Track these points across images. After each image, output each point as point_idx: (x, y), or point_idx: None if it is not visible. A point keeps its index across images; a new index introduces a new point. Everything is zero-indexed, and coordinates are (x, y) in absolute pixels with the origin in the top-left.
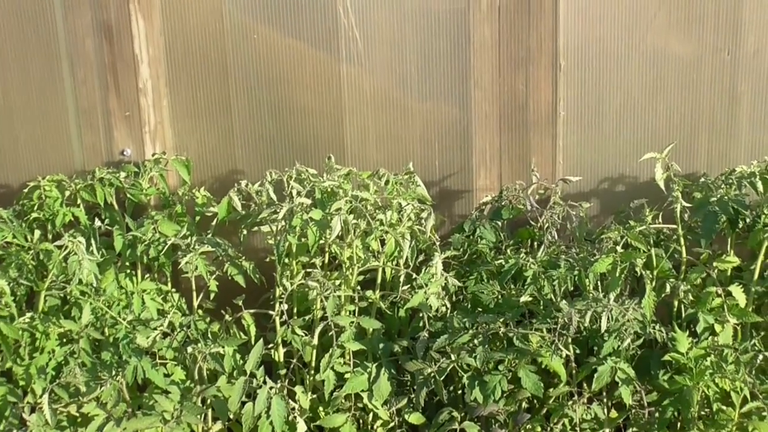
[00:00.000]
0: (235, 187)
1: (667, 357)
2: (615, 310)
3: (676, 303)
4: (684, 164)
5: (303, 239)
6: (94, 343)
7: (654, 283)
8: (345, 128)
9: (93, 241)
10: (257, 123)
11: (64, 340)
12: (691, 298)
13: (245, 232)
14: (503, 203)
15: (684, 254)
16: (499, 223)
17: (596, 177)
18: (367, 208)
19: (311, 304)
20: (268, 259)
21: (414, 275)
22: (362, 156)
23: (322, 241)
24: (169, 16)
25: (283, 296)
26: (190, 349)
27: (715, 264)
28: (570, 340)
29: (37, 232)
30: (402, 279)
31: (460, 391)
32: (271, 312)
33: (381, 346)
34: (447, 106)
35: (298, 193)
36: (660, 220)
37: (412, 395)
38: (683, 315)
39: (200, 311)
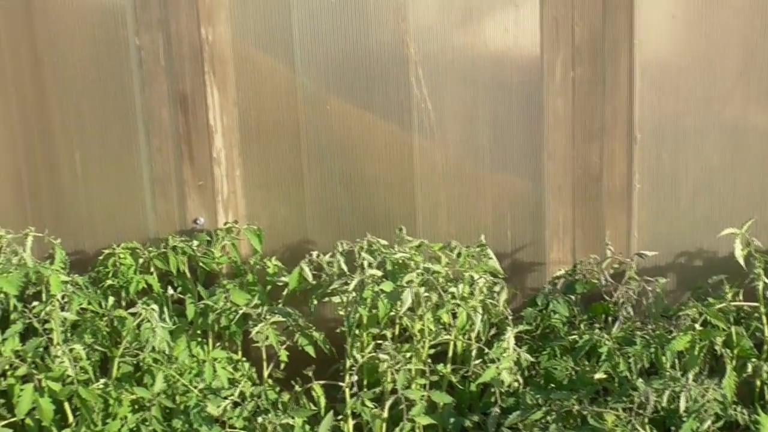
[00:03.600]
0: (307, 258)
1: None
2: (694, 390)
3: (758, 383)
4: (766, 239)
5: (373, 311)
6: (165, 410)
7: (734, 363)
8: (416, 200)
9: (165, 309)
10: (329, 193)
11: (136, 406)
12: None
13: (315, 302)
14: (577, 277)
15: (766, 333)
16: (573, 298)
17: (672, 251)
18: (438, 281)
19: (381, 376)
20: (338, 330)
21: (486, 349)
22: (433, 228)
23: (392, 313)
24: (243, 87)
25: (353, 368)
26: (260, 420)
27: None
28: (647, 419)
29: (111, 299)
30: (474, 353)
31: None
32: (340, 383)
33: (452, 420)
34: (519, 178)
35: (369, 265)
36: (740, 297)
37: None
38: (767, 396)
39: (270, 381)
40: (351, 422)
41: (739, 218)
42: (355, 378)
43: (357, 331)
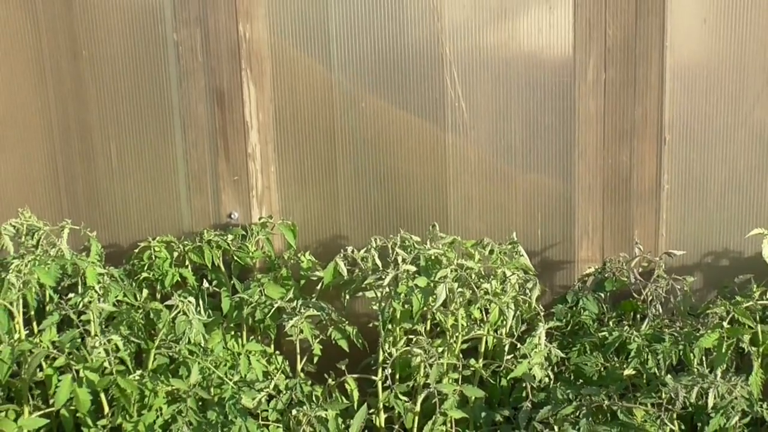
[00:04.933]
0: (341, 253)
1: None
2: (722, 387)
3: None
4: None
5: (407, 306)
6: (200, 402)
7: (761, 360)
8: (449, 197)
9: (200, 302)
10: (362, 190)
11: (171, 398)
12: None
13: (348, 296)
14: (606, 275)
15: None
16: (602, 295)
17: (700, 251)
18: (471, 277)
19: (413, 370)
20: (371, 325)
21: (517, 345)
22: (465, 225)
23: (425, 308)
24: (279, 83)
25: (386, 362)
26: (294, 412)
27: None
28: (675, 415)
29: (145, 291)
30: (506, 348)
31: None
32: (372, 377)
33: (483, 414)
34: (551, 177)
35: (404, 260)
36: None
37: None
38: None
39: (302, 374)
40: (383, 415)
41: (766, 219)
42: (388, 372)
43: (390, 326)
